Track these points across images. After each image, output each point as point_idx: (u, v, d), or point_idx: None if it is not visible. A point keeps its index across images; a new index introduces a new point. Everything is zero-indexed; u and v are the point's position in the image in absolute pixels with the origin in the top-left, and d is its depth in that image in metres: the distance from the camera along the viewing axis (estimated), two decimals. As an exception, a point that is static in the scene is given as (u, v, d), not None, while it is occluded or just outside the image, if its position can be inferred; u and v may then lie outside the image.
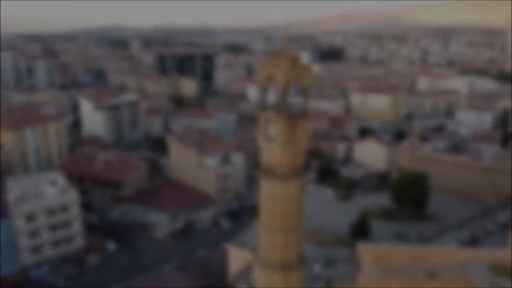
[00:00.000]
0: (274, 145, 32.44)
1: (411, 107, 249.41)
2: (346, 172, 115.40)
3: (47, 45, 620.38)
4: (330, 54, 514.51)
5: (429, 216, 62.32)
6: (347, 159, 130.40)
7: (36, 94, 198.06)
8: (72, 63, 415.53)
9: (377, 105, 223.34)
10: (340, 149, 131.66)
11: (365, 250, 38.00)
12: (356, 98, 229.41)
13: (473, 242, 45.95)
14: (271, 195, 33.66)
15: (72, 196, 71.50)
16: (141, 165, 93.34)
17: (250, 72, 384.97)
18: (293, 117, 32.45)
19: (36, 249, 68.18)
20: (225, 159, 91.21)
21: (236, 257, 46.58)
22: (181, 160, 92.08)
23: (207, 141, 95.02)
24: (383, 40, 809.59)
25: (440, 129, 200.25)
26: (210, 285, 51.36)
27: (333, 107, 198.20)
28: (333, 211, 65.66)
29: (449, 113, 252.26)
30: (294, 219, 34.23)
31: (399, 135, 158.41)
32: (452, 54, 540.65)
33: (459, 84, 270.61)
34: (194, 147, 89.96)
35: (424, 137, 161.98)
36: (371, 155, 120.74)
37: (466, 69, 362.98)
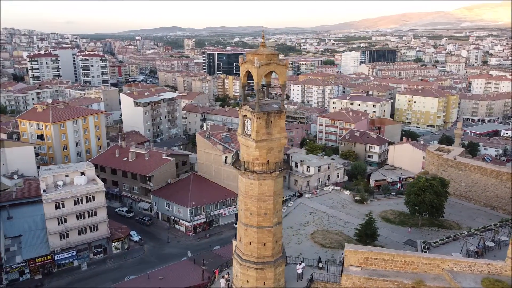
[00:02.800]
0: (250, 141, 32.61)
1: (464, 111, 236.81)
2: (377, 175, 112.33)
3: (107, 45, 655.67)
4: (383, 54, 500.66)
5: (445, 224, 59.14)
6: (383, 162, 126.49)
7: (89, 91, 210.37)
8: (128, 62, 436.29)
9: (425, 108, 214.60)
10: (375, 151, 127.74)
11: (352, 253, 36.96)
12: (402, 100, 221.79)
13: (480, 252, 43.14)
14: (247, 191, 33.79)
15: (99, 186, 75.25)
16: (170, 160, 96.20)
17: (296, 72, 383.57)
18: (268, 114, 32.39)
19: (63, 234, 72.51)
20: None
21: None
22: (208, 157, 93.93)
23: (234, 139, 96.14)
24: (442, 41, 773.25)
25: (494, 135, 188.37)
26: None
27: (376, 108, 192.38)
28: (346, 213, 64.11)
29: (506, 118, 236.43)
30: (270, 216, 34.11)
31: (447, 141, 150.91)
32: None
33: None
34: (220, 144, 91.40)
35: (474, 143, 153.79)
36: (408, 159, 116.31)
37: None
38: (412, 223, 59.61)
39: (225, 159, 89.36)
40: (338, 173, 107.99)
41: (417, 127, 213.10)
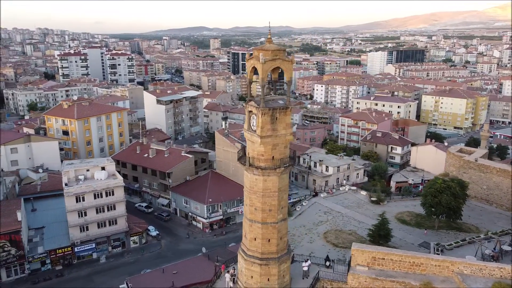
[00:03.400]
0: (255, 137, 32.66)
1: (494, 113, 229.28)
2: (399, 176, 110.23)
3: (135, 44, 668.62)
4: (410, 55, 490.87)
5: (464, 227, 57.46)
6: (405, 164, 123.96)
7: (116, 89, 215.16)
8: (154, 61, 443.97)
9: (452, 110, 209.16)
10: (397, 152, 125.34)
11: (359, 253, 36.46)
12: (428, 101, 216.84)
13: (496, 256, 41.71)
14: (251, 186, 33.85)
15: (118, 181, 76.96)
16: (189, 157, 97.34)
17: (321, 71, 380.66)
18: (274, 109, 32.33)
19: (83, 227, 74.55)
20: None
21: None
22: (226, 154, 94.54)
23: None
24: (473, 41, 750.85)
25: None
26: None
27: (401, 109, 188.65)
28: (361, 214, 63.23)
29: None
30: (275, 213, 34.05)
31: (475, 143, 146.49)
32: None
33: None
34: (238, 142, 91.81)
35: (503, 146, 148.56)
36: (431, 160, 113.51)
37: None
38: (428, 225, 58.27)
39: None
40: (357, 173, 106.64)
41: (443, 129, 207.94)
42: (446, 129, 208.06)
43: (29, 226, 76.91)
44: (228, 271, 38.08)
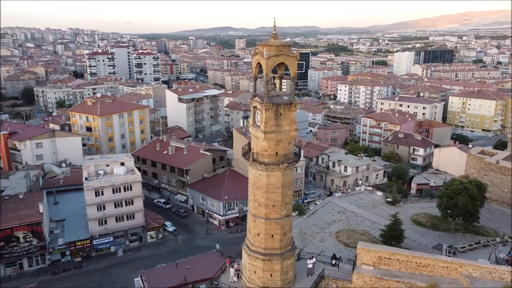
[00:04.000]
0: (259, 132, 32.75)
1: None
2: (420, 178, 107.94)
3: (162, 44, 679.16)
4: (439, 55, 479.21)
5: (482, 230, 55.76)
6: (427, 166, 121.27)
7: (140, 87, 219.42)
8: (180, 60, 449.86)
9: (480, 111, 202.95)
10: (419, 154, 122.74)
11: (364, 251, 36.00)
12: (455, 103, 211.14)
13: (510, 261, 40.33)
14: (255, 181, 33.93)
15: (136, 177, 78.51)
16: (207, 155, 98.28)
17: (346, 72, 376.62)
18: (278, 105, 32.33)
19: (102, 221, 76.43)
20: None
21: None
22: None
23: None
24: (506, 41, 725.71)
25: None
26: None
27: (427, 110, 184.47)
28: (376, 214, 62.33)
29: None
30: (278, 208, 34.02)
31: (503, 146, 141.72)
32: None
33: None
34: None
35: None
36: (454, 163, 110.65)
37: None
38: (444, 227, 56.93)
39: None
40: (377, 174, 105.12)
41: (471, 131, 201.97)
42: (473, 131, 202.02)
43: (51, 218, 79.47)
44: (232, 266, 38.31)
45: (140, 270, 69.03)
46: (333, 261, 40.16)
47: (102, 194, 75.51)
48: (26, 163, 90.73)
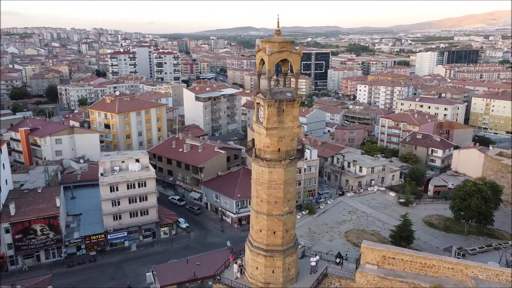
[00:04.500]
0: (262, 129, 32.82)
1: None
2: (438, 180, 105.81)
3: (183, 44, 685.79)
4: (463, 55, 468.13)
5: (497, 233, 54.30)
6: (446, 168, 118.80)
7: (160, 86, 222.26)
8: (200, 60, 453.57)
9: (504, 113, 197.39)
10: (438, 155, 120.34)
11: (368, 251, 35.62)
12: (478, 104, 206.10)
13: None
14: (258, 178, 34.01)
15: (150, 173, 79.67)
16: (222, 153, 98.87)
17: (366, 72, 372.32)
18: (280, 101, 32.32)
19: (117, 216, 77.87)
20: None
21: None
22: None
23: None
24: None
25: None
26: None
27: (448, 111, 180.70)
28: (387, 215, 61.52)
29: None
30: (280, 205, 33.98)
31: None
32: None
33: None
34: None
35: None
36: (473, 165, 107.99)
37: None
38: (457, 229, 55.75)
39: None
40: (393, 175, 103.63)
41: (494, 133, 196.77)
42: (497, 133, 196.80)
43: (68, 212, 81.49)
44: (236, 262, 38.50)
45: (152, 265, 70.17)
46: (337, 260, 39.93)
47: (117, 190, 76.89)
48: (45, 158, 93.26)
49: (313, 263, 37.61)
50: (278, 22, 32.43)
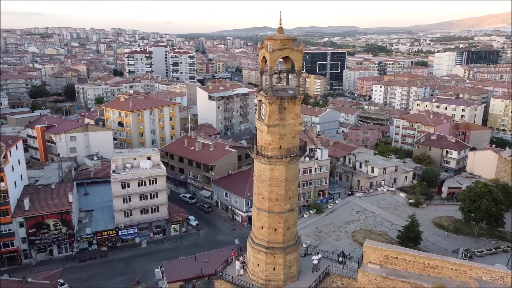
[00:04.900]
0: (263, 126, 32.91)
1: None
2: (452, 182, 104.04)
3: (200, 44, 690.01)
4: (483, 56, 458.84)
5: (509, 236, 53.14)
6: (461, 169, 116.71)
7: (175, 85, 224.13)
8: (216, 60, 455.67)
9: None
10: (453, 157, 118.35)
11: (371, 250, 35.33)
12: (497, 105, 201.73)
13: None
14: (259, 175, 34.09)
15: (161, 171, 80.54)
16: (233, 152, 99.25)
17: (382, 72, 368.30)
18: (282, 99, 32.33)
19: (128, 212, 78.96)
20: (310, 154, 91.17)
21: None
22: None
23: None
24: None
25: None
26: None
27: (466, 112, 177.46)
28: (396, 215, 60.84)
29: None
30: (281, 202, 33.97)
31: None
32: None
33: None
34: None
35: None
36: (489, 166, 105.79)
37: None
38: (468, 231, 54.79)
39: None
40: (406, 176, 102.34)
41: (508, 135, 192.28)
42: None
43: (80, 208, 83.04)
44: (238, 259, 38.65)
45: (162, 262, 70.99)
46: (340, 259, 39.73)
47: (128, 187, 77.99)
48: (59, 155, 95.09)
49: (315, 261, 37.52)
50: (280, 19, 32.48)
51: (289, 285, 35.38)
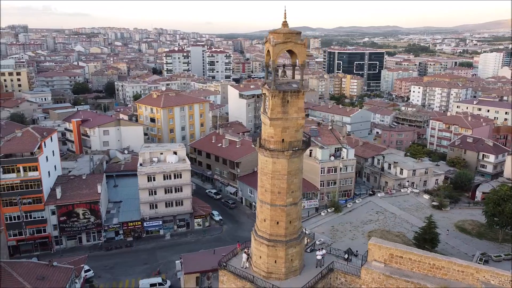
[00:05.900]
0: (266, 119, 33.14)
1: None
2: (487, 187, 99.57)
3: (238, 43, 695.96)
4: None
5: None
6: (498, 174, 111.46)
7: (210, 84, 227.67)
8: (253, 59, 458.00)
9: None
10: (489, 161, 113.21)
11: (376, 248, 34.66)
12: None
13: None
14: (262, 167, 34.34)
15: (186, 165, 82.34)
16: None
17: (423, 73, 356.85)
18: (284, 92, 32.42)
19: (153, 205, 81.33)
20: (336, 153, 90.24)
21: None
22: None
23: (322, 133, 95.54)
24: None
25: None
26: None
27: (509, 116, 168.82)
28: (417, 217, 59.12)
29: None
30: (284, 195, 34.02)
31: None
32: None
33: None
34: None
35: None
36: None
37: None
38: (492, 236, 52.50)
39: (310, 153, 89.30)
40: (437, 179, 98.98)
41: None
42: None
43: (109, 199, 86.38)
44: (244, 251, 39.03)
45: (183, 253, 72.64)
46: (346, 256, 39.26)
47: (154, 180, 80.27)
48: (90, 148, 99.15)
49: (318, 257, 37.30)
50: (285, 13, 32.63)
51: (290, 279, 35.43)
